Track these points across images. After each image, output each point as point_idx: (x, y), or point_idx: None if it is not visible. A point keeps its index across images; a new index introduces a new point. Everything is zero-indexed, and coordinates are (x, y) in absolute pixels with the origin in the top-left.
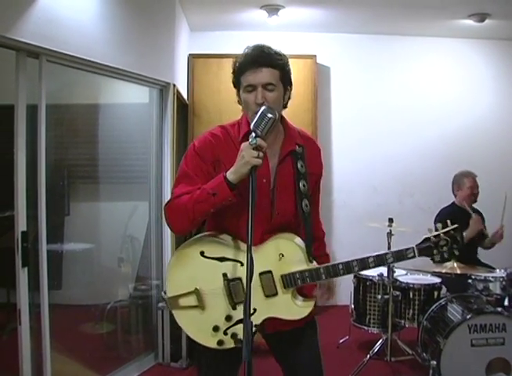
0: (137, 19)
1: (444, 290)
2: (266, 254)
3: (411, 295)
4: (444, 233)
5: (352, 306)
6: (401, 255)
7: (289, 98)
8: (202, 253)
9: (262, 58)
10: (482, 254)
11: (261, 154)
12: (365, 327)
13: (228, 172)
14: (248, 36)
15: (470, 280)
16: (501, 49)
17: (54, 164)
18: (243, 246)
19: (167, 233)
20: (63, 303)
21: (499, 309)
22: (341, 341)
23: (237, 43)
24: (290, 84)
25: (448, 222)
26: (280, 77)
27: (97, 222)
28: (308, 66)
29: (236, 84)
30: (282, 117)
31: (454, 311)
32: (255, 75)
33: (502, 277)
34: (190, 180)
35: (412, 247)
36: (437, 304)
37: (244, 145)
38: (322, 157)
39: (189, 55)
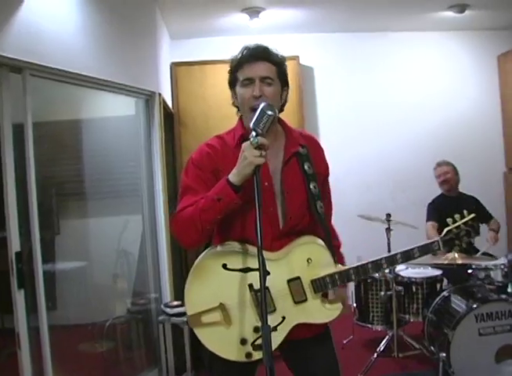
0: (118, 29)
1: (445, 282)
2: (293, 261)
3: (414, 289)
4: (463, 223)
5: (354, 305)
6: (427, 249)
7: (285, 100)
8: (224, 266)
9: (260, 52)
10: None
11: (263, 153)
12: (369, 325)
13: (230, 175)
14: (230, 41)
15: (470, 270)
16: (482, 40)
17: (42, 182)
18: (266, 254)
19: (163, 245)
20: (60, 324)
21: (504, 296)
22: (345, 341)
23: (219, 49)
24: (287, 84)
25: (465, 212)
26: (278, 73)
27: (89, 239)
28: (292, 68)
29: (233, 82)
30: (280, 119)
31: (458, 302)
32: (253, 68)
33: (504, 264)
34: (193, 192)
35: (437, 241)
36: (440, 296)
37: (245, 145)
38: (326, 156)
39: (172, 63)
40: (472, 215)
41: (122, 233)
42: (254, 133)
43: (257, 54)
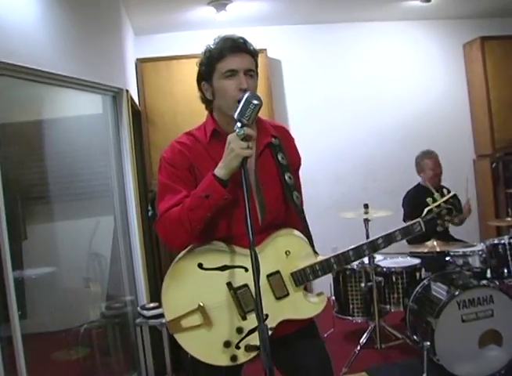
0: (82, 23)
1: (423, 270)
2: (271, 254)
3: (394, 279)
4: (444, 202)
5: (333, 298)
6: (408, 231)
7: None
8: (200, 265)
9: (243, 44)
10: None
11: (250, 144)
12: (350, 318)
13: (216, 169)
14: (197, 35)
15: (448, 258)
16: (448, 29)
17: (5, 186)
18: (242, 250)
19: (136, 245)
20: (32, 332)
21: (485, 282)
22: (326, 334)
23: (186, 44)
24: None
25: (445, 190)
26: (255, 65)
27: (58, 243)
28: (260, 61)
29: (207, 74)
30: None
31: (440, 289)
32: (238, 59)
33: (482, 250)
34: (173, 190)
35: (418, 221)
36: (421, 284)
37: (231, 137)
38: (297, 146)
39: (137, 60)
40: (453, 193)
41: (93, 235)
42: (238, 124)
43: (241, 45)
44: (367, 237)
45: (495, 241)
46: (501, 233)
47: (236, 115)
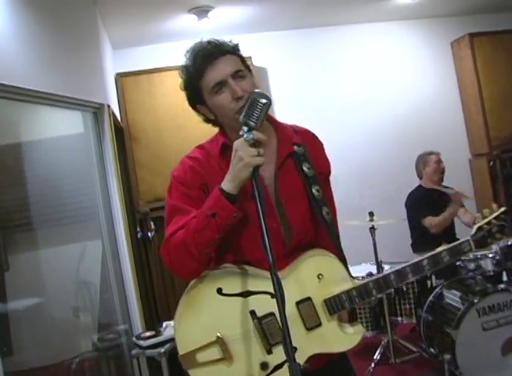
0: (58, 37)
1: (433, 278)
2: (301, 278)
3: (404, 289)
4: (494, 218)
5: None
6: (456, 251)
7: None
8: (219, 291)
9: (216, 47)
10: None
11: (261, 151)
12: None
13: (223, 182)
14: (178, 46)
15: (459, 262)
16: (435, 27)
17: None
18: (267, 273)
19: (127, 270)
20: (18, 369)
21: (503, 286)
22: None
23: (166, 55)
24: (251, 71)
25: (494, 205)
26: (241, 62)
27: (43, 272)
28: None
29: (195, 98)
30: (268, 115)
31: (455, 297)
32: (218, 68)
33: (495, 252)
34: (181, 211)
35: (468, 240)
36: (433, 293)
37: (238, 143)
38: (326, 152)
39: (116, 74)
40: (503, 209)
41: (80, 261)
42: (245, 128)
43: (213, 50)
44: (374, 246)
45: (510, 242)
46: None
47: (241, 118)
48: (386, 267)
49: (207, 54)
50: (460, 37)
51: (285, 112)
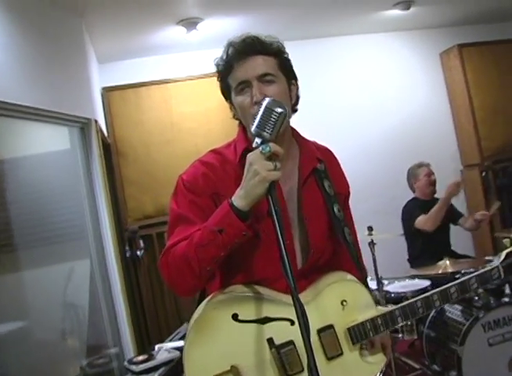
0: (43, 50)
1: None
2: (324, 305)
3: None
4: None
5: None
6: (485, 279)
7: (297, 97)
8: (235, 316)
9: (249, 44)
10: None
11: (278, 165)
12: None
13: (234, 197)
14: (166, 59)
15: (457, 275)
16: (425, 38)
17: None
18: (286, 298)
19: (117, 291)
20: None
21: (507, 300)
22: None
23: (154, 69)
24: (295, 76)
25: None
26: (279, 66)
27: (28, 294)
28: None
29: (226, 92)
30: (291, 127)
31: (457, 311)
32: (245, 67)
33: (497, 266)
34: (186, 221)
35: (497, 267)
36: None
37: (253, 156)
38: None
39: (103, 89)
40: None
41: (67, 282)
42: (257, 140)
43: (247, 48)
44: (374, 262)
45: None
46: (496, 244)
47: (253, 128)
48: (385, 282)
49: (240, 50)
50: (449, 48)
51: None
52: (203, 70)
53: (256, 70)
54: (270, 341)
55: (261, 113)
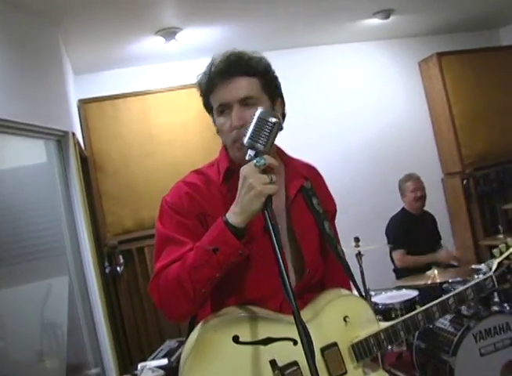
0: (18, 60)
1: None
2: (326, 322)
3: (393, 316)
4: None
5: None
6: (481, 288)
7: (283, 115)
8: (236, 339)
9: (233, 64)
10: None
11: (274, 178)
12: None
13: (229, 214)
14: (143, 70)
15: (444, 285)
16: (404, 47)
17: None
18: (286, 317)
19: (98, 308)
20: None
21: (497, 309)
22: None
23: (132, 80)
24: (281, 95)
25: (509, 240)
26: (262, 86)
27: (2, 314)
28: None
29: (208, 108)
30: (276, 146)
31: (446, 322)
32: (227, 88)
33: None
34: (175, 242)
35: (490, 277)
36: None
37: (247, 169)
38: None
39: (79, 101)
40: None
41: (45, 300)
42: (251, 152)
43: (231, 67)
44: (362, 274)
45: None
46: (479, 252)
47: (246, 140)
48: (371, 294)
49: (224, 70)
50: (428, 56)
51: None
52: (182, 80)
53: (238, 92)
54: (273, 363)
55: (253, 124)
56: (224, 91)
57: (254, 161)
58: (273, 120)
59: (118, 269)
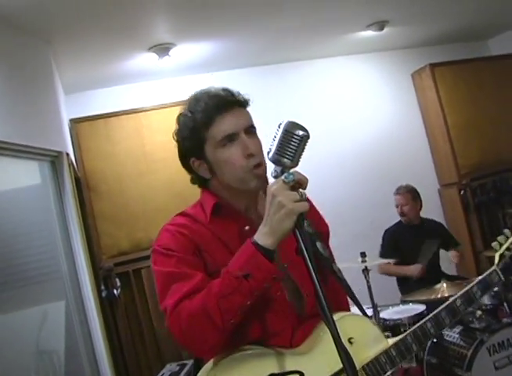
0: (10, 80)
1: None
2: (330, 348)
3: (402, 331)
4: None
5: None
6: (486, 284)
7: None
8: None
9: (231, 96)
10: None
11: (304, 195)
12: None
13: (257, 236)
14: (136, 88)
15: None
16: (395, 59)
17: None
18: (289, 350)
19: (98, 334)
20: None
21: (509, 320)
22: None
23: (124, 98)
24: None
25: (506, 231)
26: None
27: None
28: None
29: (195, 149)
30: None
31: (456, 335)
32: (232, 119)
33: (494, 269)
34: (183, 277)
35: (494, 270)
36: None
37: (275, 187)
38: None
39: (70, 121)
40: None
41: (41, 327)
42: (277, 168)
43: (230, 99)
44: (369, 289)
45: None
46: (479, 262)
47: (271, 155)
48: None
49: (223, 102)
50: (421, 67)
51: None
52: (176, 97)
53: (243, 122)
54: None
55: (280, 137)
56: (228, 122)
57: (283, 177)
58: (301, 133)
59: (115, 292)
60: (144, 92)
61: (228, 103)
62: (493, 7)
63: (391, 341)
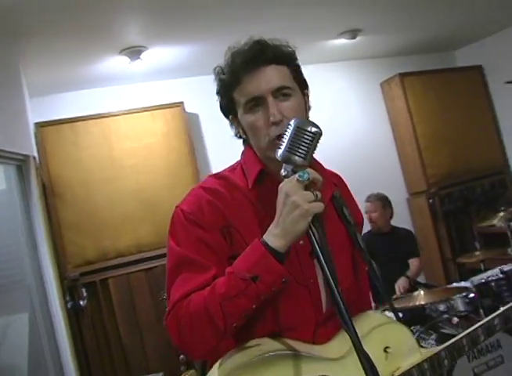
0: None
1: None
2: None
3: None
4: None
5: None
6: None
7: (309, 109)
8: None
9: (260, 52)
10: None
11: (319, 195)
12: None
13: (268, 236)
14: (106, 92)
15: (427, 305)
16: (364, 68)
17: None
18: (320, 351)
19: (66, 347)
20: None
21: None
22: None
23: (92, 102)
24: (307, 85)
25: None
26: (293, 75)
27: None
28: (177, 116)
29: (229, 108)
30: None
31: (436, 343)
32: (257, 80)
33: (467, 291)
34: (196, 267)
35: None
36: None
37: (288, 185)
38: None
39: (35, 124)
40: None
41: (1, 340)
42: (287, 166)
43: (257, 56)
44: None
45: (483, 279)
46: (447, 269)
47: (281, 152)
48: None
49: (249, 59)
50: (390, 77)
51: (219, 158)
52: (146, 102)
53: (270, 83)
54: None
55: (290, 134)
56: (253, 83)
57: (297, 176)
58: (313, 129)
59: (81, 303)
60: (113, 96)
61: (256, 60)
62: (460, 20)
63: (425, 353)
